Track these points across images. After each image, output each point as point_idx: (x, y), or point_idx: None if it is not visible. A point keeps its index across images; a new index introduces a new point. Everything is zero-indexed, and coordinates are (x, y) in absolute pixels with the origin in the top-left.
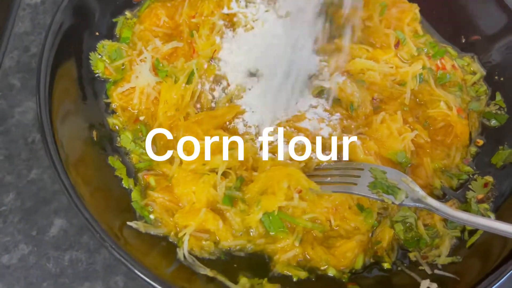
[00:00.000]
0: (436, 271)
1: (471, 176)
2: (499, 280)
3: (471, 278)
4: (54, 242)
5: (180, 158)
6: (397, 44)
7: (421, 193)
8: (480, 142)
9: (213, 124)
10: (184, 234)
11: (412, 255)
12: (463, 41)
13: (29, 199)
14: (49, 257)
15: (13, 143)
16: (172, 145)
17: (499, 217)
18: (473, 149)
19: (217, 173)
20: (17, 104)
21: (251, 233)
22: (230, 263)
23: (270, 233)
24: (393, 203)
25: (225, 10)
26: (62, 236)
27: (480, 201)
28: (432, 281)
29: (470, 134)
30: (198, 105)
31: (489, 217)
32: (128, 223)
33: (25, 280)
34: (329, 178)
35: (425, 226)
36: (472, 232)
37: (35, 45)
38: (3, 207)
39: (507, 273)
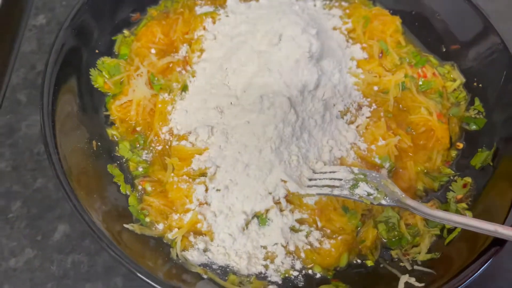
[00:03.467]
0: (415, 267)
1: (451, 177)
2: (473, 274)
3: (447, 273)
4: (57, 246)
5: (173, 165)
6: (380, 54)
7: (400, 193)
8: (460, 145)
9: None
10: (177, 236)
11: (394, 253)
12: (444, 50)
13: (35, 206)
14: (53, 260)
15: (20, 154)
16: (167, 153)
17: (475, 215)
18: (453, 152)
19: (206, 176)
20: (24, 118)
21: None
22: None
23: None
24: (371, 203)
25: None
26: (65, 241)
27: (459, 201)
28: (411, 276)
29: (451, 138)
30: None
31: (465, 215)
32: (125, 225)
33: (30, 282)
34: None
35: (407, 225)
36: (451, 231)
37: (41, 63)
38: (11, 214)
39: (480, 267)
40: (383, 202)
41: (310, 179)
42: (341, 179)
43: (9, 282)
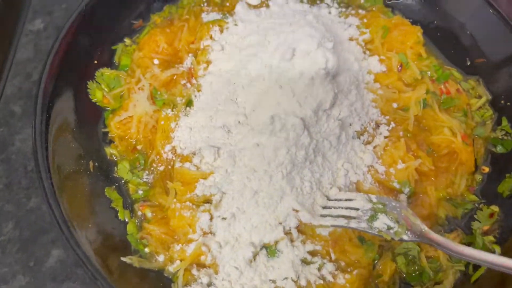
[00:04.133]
0: None
1: (476, 205)
2: None
3: None
4: (51, 273)
5: (176, 189)
6: (400, 67)
7: (423, 226)
8: (486, 169)
9: None
10: (179, 270)
11: None
12: (468, 63)
13: (28, 228)
14: None
15: (13, 171)
16: (169, 174)
17: (505, 251)
18: (478, 177)
19: (211, 203)
20: (18, 131)
21: None
22: None
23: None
24: (392, 239)
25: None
26: (59, 267)
27: (486, 233)
28: None
29: (476, 161)
30: None
31: (494, 251)
32: (122, 258)
33: None
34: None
35: (428, 258)
36: (477, 266)
37: (37, 71)
38: (2, 236)
39: None
40: (405, 237)
41: (324, 207)
42: (358, 209)
43: None
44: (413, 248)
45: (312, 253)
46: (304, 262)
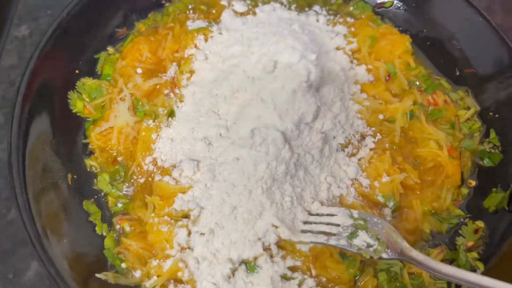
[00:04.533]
0: None
1: (462, 220)
2: None
3: None
4: (30, 285)
5: (154, 204)
6: (388, 77)
7: (404, 244)
8: (473, 183)
9: None
10: (155, 286)
11: None
12: (458, 73)
13: (7, 240)
14: None
15: None
16: (149, 186)
17: (488, 269)
18: (464, 191)
19: (189, 218)
20: (0, 140)
21: None
22: None
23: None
24: (371, 257)
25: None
26: (38, 280)
27: (470, 249)
28: None
29: (462, 174)
30: None
31: (478, 268)
32: (97, 275)
33: None
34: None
35: (410, 275)
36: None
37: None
38: None
39: None
40: (384, 255)
41: (305, 222)
42: (338, 225)
43: None
44: (396, 264)
45: (292, 269)
46: (284, 278)
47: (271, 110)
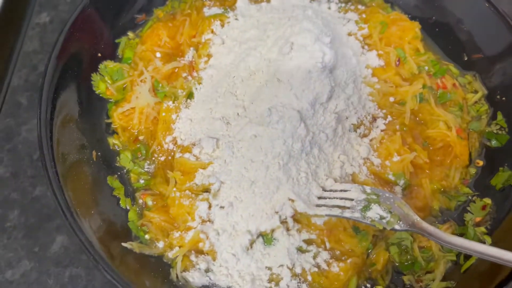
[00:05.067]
0: None
1: (470, 197)
2: None
3: None
4: (55, 258)
5: (176, 178)
6: (398, 62)
7: (415, 217)
8: (480, 162)
9: None
10: (177, 256)
11: (406, 279)
12: (465, 59)
13: (33, 216)
14: (50, 274)
15: (19, 160)
16: (170, 164)
17: (495, 241)
18: (472, 170)
19: (209, 192)
20: (24, 122)
21: None
22: None
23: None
24: (384, 228)
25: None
26: (63, 253)
27: (477, 224)
28: None
29: (470, 154)
30: None
31: (485, 241)
32: (123, 244)
33: None
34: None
35: (420, 248)
36: (468, 256)
37: (43, 64)
38: (8, 223)
39: None
40: (397, 227)
41: (320, 198)
42: (352, 199)
43: None
44: (407, 238)
45: (308, 242)
46: (300, 250)
47: (288, 90)
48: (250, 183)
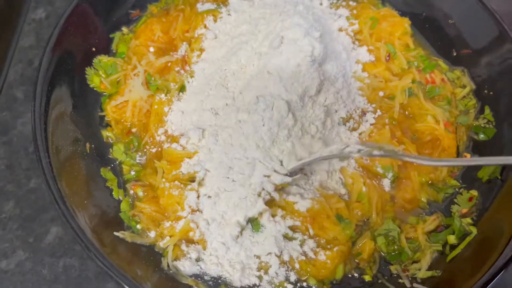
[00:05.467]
0: (415, 285)
1: (457, 190)
2: None
3: None
4: (49, 249)
5: (163, 168)
6: (388, 58)
7: (396, 149)
8: (468, 155)
9: None
10: (168, 245)
11: (393, 268)
12: (454, 54)
13: (28, 207)
14: (44, 264)
15: (15, 153)
16: (160, 155)
17: (480, 232)
18: None
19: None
20: (20, 115)
21: None
22: None
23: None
24: (362, 156)
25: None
26: (57, 243)
27: (464, 215)
28: None
29: (458, 147)
30: None
31: (470, 232)
32: (115, 233)
33: (21, 285)
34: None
35: (407, 239)
36: (454, 247)
37: (38, 58)
38: (3, 214)
39: None
40: (375, 152)
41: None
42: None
43: (0, 285)
44: (394, 229)
45: (292, 229)
46: (286, 237)
47: (277, 82)
48: (228, 170)
